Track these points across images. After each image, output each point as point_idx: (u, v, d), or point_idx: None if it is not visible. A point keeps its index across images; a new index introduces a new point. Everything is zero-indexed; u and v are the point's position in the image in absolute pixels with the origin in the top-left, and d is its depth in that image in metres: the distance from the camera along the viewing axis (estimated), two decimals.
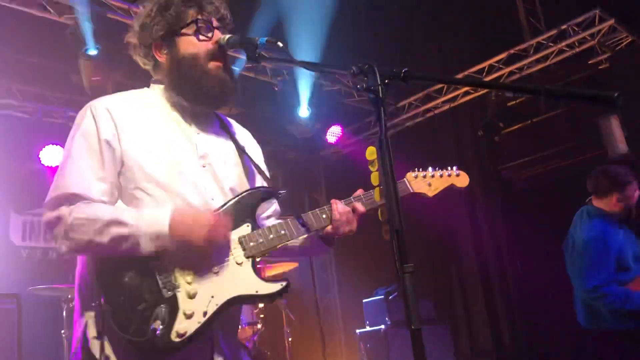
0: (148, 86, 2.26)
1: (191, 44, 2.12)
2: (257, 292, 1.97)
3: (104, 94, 2.19)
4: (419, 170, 2.40)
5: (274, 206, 2.37)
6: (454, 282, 8.21)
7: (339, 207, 2.15)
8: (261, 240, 2.03)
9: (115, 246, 1.83)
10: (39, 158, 6.62)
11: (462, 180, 2.44)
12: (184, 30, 2.12)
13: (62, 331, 5.27)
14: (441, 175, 2.40)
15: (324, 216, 2.16)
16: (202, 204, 2.03)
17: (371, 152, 2.01)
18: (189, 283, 1.89)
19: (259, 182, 2.29)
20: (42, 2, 5.44)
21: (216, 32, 2.15)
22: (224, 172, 2.14)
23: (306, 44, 6.47)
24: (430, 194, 2.37)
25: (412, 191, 2.35)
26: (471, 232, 8.03)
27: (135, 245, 1.83)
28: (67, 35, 5.55)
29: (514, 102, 7.71)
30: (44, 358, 5.68)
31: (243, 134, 2.40)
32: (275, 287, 2.00)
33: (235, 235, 2.01)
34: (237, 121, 2.48)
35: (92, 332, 1.84)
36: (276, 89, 7.40)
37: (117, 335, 1.79)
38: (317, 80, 7.63)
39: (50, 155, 6.63)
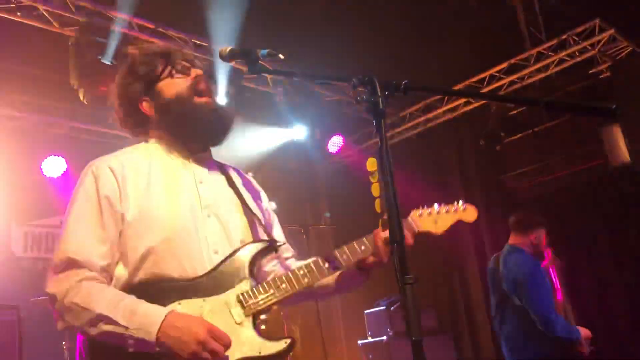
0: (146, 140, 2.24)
1: (172, 85, 2.13)
2: (260, 353, 1.89)
3: (104, 104, 2.20)
4: (423, 208, 2.29)
5: (287, 253, 2.32)
6: (456, 292, 8.18)
7: (382, 236, 2.07)
8: (261, 296, 1.96)
9: (104, 340, 1.82)
10: (41, 169, 6.63)
11: (469, 214, 2.35)
12: (161, 77, 2.14)
13: (63, 343, 5.26)
14: (447, 211, 2.31)
15: (362, 247, 2.10)
16: (207, 258, 1.98)
17: (372, 164, 2.00)
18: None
19: (261, 233, 2.18)
20: (45, 15, 5.47)
21: (193, 69, 2.17)
22: (229, 220, 2.09)
23: (305, 54, 6.48)
24: (438, 231, 2.27)
25: (417, 230, 2.25)
26: (473, 241, 8.00)
27: (122, 343, 1.79)
28: (69, 47, 5.58)
29: (515, 111, 7.72)
30: None
31: (245, 182, 2.35)
32: (280, 345, 1.91)
33: (233, 293, 1.94)
34: (239, 132, 2.46)
35: None
36: (278, 99, 7.42)
37: None
38: (318, 91, 7.65)
39: (52, 166, 6.64)
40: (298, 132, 7.89)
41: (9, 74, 6.29)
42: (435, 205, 2.29)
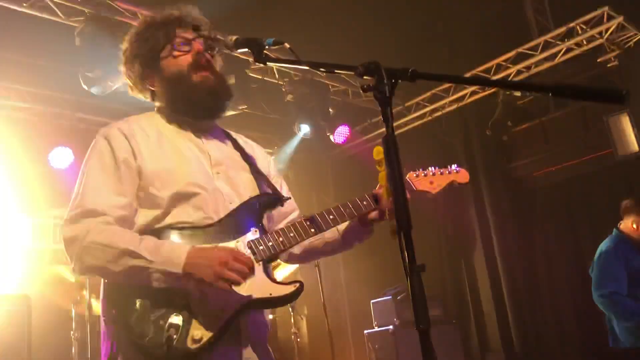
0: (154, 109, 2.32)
1: (172, 63, 2.18)
2: (270, 294, 1.96)
3: (110, 95, 2.24)
4: (420, 170, 2.43)
5: (294, 213, 2.38)
6: (463, 282, 8.18)
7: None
8: (270, 243, 2.03)
9: (126, 277, 1.85)
10: (48, 160, 6.66)
11: (462, 176, 2.46)
12: (162, 55, 2.18)
13: (72, 332, 5.30)
14: (442, 173, 2.43)
15: (364, 202, 2.20)
16: (222, 209, 2.05)
17: (378, 152, 2.00)
18: (201, 290, 1.87)
19: (266, 189, 2.27)
20: (51, 6, 5.47)
21: (195, 43, 2.20)
22: (236, 177, 2.17)
23: (311, 43, 6.46)
24: (434, 190, 2.40)
25: (415, 189, 2.37)
26: (480, 231, 7.99)
27: (146, 279, 1.83)
28: (75, 38, 5.57)
29: (522, 101, 7.68)
30: (54, 359, 5.71)
31: (250, 145, 2.42)
32: (289, 289, 1.98)
33: (245, 240, 2.02)
34: (244, 121, 2.50)
35: (115, 346, 1.86)
36: (284, 89, 7.41)
37: (135, 347, 1.79)
38: (324, 81, 7.63)
39: (59, 157, 6.66)
40: (304, 122, 7.87)
41: (16, 65, 6.30)
42: (430, 167, 2.44)
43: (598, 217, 7.08)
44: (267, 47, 1.99)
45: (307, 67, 1.94)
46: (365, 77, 1.66)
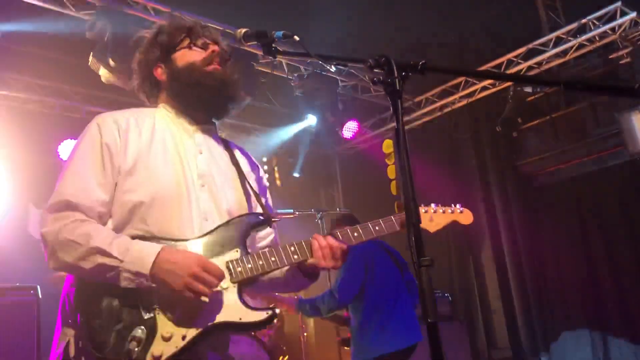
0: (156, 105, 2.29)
1: (187, 54, 2.16)
2: (240, 319, 1.90)
3: (120, 87, 2.23)
4: (420, 205, 2.31)
5: (271, 236, 2.32)
6: (470, 279, 8.16)
7: (321, 241, 2.05)
8: (249, 265, 1.96)
9: (96, 274, 1.81)
10: (58, 152, 6.70)
11: (465, 217, 2.38)
12: (179, 47, 2.18)
13: None
14: (444, 212, 2.35)
15: (308, 248, 2.07)
16: (197, 223, 2.00)
17: (388, 146, 1.99)
18: (170, 300, 1.84)
19: (256, 209, 2.21)
20: None
21: (211, 45, 2.19)
22: (221, 193, 2.10)
23: (324, 38, 6.44)
24: (432, 229, 2.31)
25: None
26: (489, 228, 7.96)
27: (115, 277, 1.80)
28: (85, 31, 5.59)
29: (532, 97, 7.62)
30: None
31: (247, 160, 2.36)
32: (260, 315, 1.91)
33: (223, 260, 1.95)
34: (253, 115, 2.47)
35: (71, 351, 1.82)
36: (293, 84, 7.40)
37: (93, 356, 1.76)
38: (334, 76, 7.61)
39: (68, 149, 6.70)
40: (312, 117, 7.86)
41: (26, 57, 6.33)
42: (432, 204, 2.35)
43: (608, 214, 7.04)
44: (276, 40, 1.98)
45: (317, 60, 1.92)
46: (375, 70, 1.65)
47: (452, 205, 2.37)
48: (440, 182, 8.28)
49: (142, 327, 1.80)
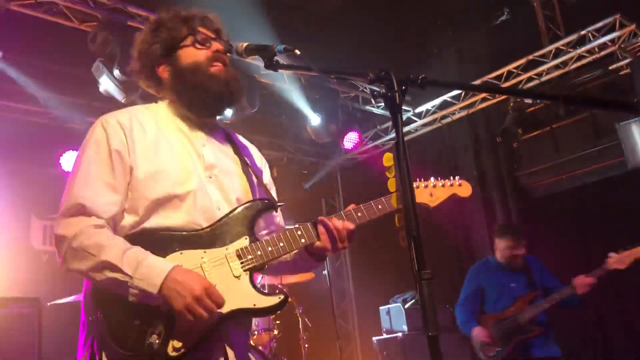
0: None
1: (191, 54, 2.16)
2: (254, 305, 1.95)
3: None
4: (420, 180, 2.36)
5: (276, 219, 2.36)
6: None
7: (326, 224, 2.10)
8: (259, 252, 2.02)
9: (106, 286, 1.85)
10: (60, 163, 6.72)
11: (464, 189, 2.40)
12: (182, 44, 2.17)
13: None
14: (443, 185, 2.37)
15: (314, 230, 2.12)
16: (209, 214, 2.05)
17: (388, 159, 2.01)
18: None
19: (261, 195, 2.26)
20: (64, 11, 5.52)
21: (214, 42, 2.19)
22: (229, 183, 2.15)
23: (323, 50, 6.48)
24: (432, 204, 2.34)
25: None
26: (489, 239, 7.95)
27: (124, 292, 1.83)
28: (88, 43, 5.62)
29: (532, 108, 7.64)
30: None
31: (248, 149, 2.41)
32: (273, 300, 1.97)
33: (233, 248, 2.01)
34: (254, 127, 2.49)
35: (97, 345, 1.86)
36: (293, 95, 7.43)
37: (116, 352, 1.80)
38: (334, 87, 7.65)
39: (70, 160, 6.72)
40: (313, 128, 7.89)
41: (28, 68, 6.36)
42: (432, 178, 2.37)
43: (609, 225, 7.03)
44: (277, 53, 2.00)
45: (318, 74, 1.94)
46: (375, 84, 1.66)
47: (451, 177, 2.39)
48: None
49: (161, 320, 1.84)
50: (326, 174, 9.32)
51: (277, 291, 2.06)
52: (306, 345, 6.25)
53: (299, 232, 2.09)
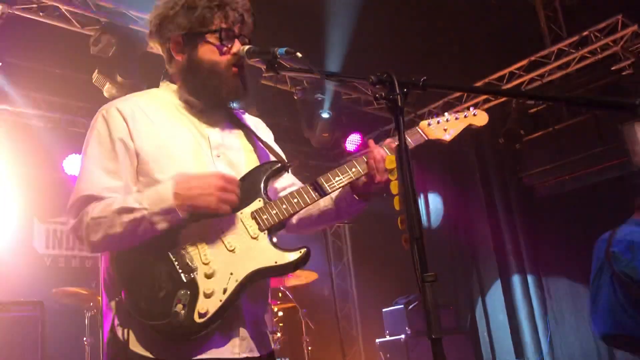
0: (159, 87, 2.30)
1: (211, 51, 2.10)
2: (276, 262, 1.96)
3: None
4: (433, 117, 2.30)
5: (291, 180, 2.36)
6: (475, 291, 8.13)
7: (376, 153, 2.10)
8: (274, 211, 2.02)
9: (130, 233, 1.87)
10: (63, 167, 6.73)
11: (480, 119, 2.32)
12: (207, 36, 2.10)
13: (85, 338, 5.32)
14: (457, 118, 2.31)
15: (353, 170, 2.14)
16: None
17: (390, 161, 1.99)
18: (205, 264, 1.90)
19: (271, 158, 2.28)
20: (66, 15, 5.54)
21: (236, 42, 2.13)
22: (238, 158, 2.17)
23: (325, 52, 6.50)
24: (448, 138, 2.28)
25: (427, 138, 2.28)
26: (492, 240, 7.95)
27: (149, 227, 1.86)
28: (90, 46, 5.64)
29: (535, 109, 7.64)
30: None
31: (253, 121, 2.40)
32: (295, 255, 1.98)
33: (248, 210, 2.02)
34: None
35: (122, 322, 1.88)
36: (296, 97, 7.44)
37: (142, 325, 1.83)
38: (337, 89, 7.65)
39: (73, 164, 6.73)
40: (317, 130, 7.89)
41: (31, 72, 6.38)
42: (445, 113, 2.31)
43: (612, 226, 7.00)
44: (279, 56, 2.00)
45: (319, 77, 1.94)
46: (377, 87, 1.66)
47: (466, 109, 2.31)
48: (443, 194, 8.28)
49: (184, 288, 1.85)
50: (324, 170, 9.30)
51: (298, 246, 2.04)
52: (309, 348, 6.25)
53: (311, 187, 2.10)
